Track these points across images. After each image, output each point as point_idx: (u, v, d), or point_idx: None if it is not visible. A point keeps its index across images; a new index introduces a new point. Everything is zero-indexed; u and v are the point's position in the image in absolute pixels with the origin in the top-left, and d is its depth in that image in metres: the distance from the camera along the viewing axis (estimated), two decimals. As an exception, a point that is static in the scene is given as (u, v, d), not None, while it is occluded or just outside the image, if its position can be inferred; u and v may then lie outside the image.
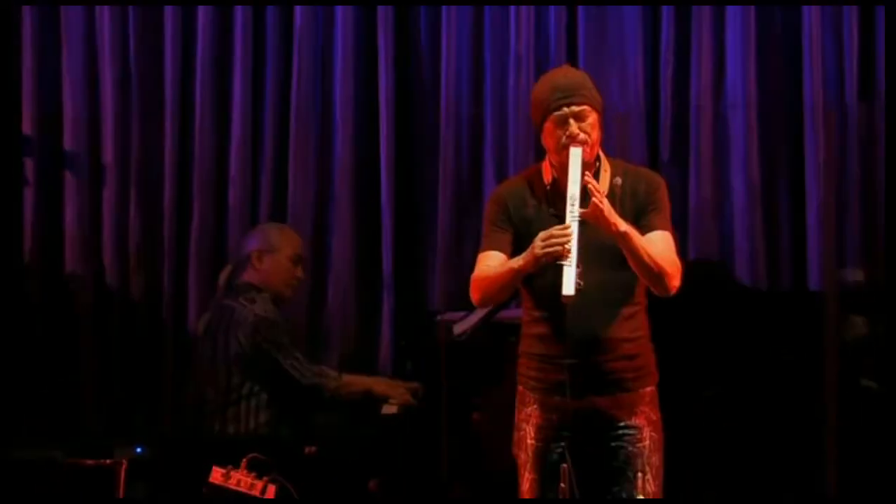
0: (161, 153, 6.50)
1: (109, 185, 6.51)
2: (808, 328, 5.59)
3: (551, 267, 4.02)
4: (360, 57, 6.49)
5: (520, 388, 4.29)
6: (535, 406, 4.22)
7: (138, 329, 6.50)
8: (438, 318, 5.87)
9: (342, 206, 6.49)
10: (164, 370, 6.42)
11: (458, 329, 5.75)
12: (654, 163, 6.31)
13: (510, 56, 6.42)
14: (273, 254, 5.67)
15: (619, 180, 4.19)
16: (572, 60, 6.28)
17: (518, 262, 4.10)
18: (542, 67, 6.28)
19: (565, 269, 3.94)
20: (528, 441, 4.23)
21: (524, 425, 4.24)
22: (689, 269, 4.31)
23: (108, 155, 6.53)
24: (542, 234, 4.02)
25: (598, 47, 6.34)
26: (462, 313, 5.85)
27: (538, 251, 4.01)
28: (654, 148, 6.38)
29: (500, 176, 6.35)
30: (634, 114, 6.31)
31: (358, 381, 5.69)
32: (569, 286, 3.93)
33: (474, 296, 4.21)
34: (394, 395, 5.67)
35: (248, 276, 5.65)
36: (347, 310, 6.49)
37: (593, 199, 3.98)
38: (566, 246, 3.94)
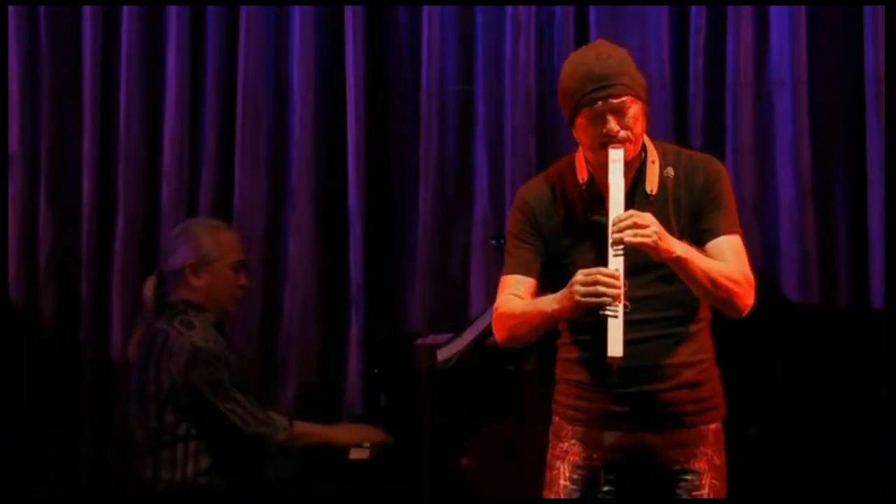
0: (78, 139, 6.27)
1: (15, 179, 6.25)
2: (870, 352, 5.31)
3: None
4: (322, 23, 6.27)
5: (556, 418, 4.07)
6: (573, 441, 4.02)
7: (50, 354, 6.24)
8: (419, 341, 5.75)
9: (301, 204, 6.27)
10: (83, 403, 6.19)
11: (442, 355, 5.55)
12: (682, 151, 6.14)
13: (506, 21, 6.17)
14: (210, 265, 5.29)
15: (670, 171, 3.95)
16: (583, 24, 6.09)
17: (553, 305, 3.86)
18: (545, 34, 6.11)
19: (610, 322, 3.71)
20: (562, 482, 4.02)
21: (558, 463, 4.03)
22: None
23: (14, 142, 6.26)
24: (583, 276, 3.76)
25: (614, 8, 6.09)
26: (447, 336, 5.64)
27: (580, 298, 3.76)
28: (683, 132, 6.12)
29: (494, 168, 6.15)
30: (658, 90, 6.01)
31: (314, 432, 5.41)
32: (616, 346, 3.71)
33: (499, 334, 3.98)
34: (362, 439, 5.45)
35: (184, 292, 5.30)
36: (308, 330, 6.28)
37: (640, 231, 3.78)
38: (614, 293, 3.72)
